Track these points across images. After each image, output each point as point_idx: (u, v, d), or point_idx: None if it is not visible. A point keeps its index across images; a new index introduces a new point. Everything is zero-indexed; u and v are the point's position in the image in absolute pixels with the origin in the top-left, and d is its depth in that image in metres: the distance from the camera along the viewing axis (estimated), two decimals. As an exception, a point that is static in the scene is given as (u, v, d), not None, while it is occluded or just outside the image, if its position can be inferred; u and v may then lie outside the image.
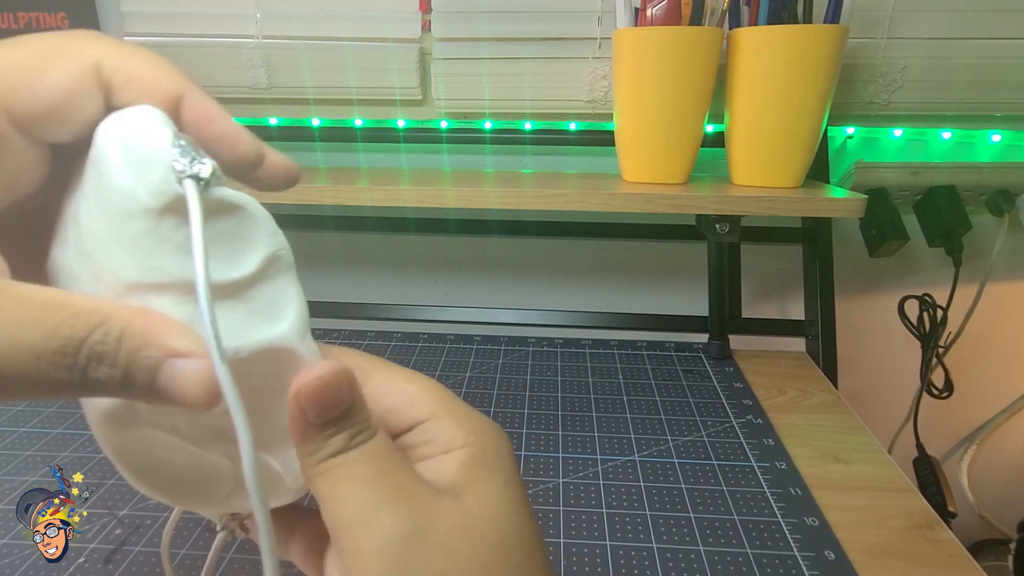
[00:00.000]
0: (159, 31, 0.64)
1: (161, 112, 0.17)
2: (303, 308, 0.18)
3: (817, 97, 0.51)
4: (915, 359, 0.69)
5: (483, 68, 0.63)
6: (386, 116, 0.67)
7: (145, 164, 0.16)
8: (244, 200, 0.17)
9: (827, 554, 0.38)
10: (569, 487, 0.44)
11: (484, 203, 0.54)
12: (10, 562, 0.36)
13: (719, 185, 0.57)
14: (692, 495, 0.43)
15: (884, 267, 0.71)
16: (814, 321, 0.65)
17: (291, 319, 0.18)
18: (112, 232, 0.16)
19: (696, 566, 0.37)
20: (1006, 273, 0.70)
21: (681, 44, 0.51)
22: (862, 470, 0.47)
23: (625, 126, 0.57)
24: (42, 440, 0.49)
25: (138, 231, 0.16)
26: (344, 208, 0.68)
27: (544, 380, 0.59)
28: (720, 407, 0.54)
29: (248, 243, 0.17)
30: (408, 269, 0.76)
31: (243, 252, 0.17)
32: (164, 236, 0.16)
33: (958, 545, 0.39)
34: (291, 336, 0.18)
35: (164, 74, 0.17)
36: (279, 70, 0.64)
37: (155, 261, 0.16)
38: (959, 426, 0.77)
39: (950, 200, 0.63)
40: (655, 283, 0.74)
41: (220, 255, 0.16)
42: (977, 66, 0.60)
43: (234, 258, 0.17)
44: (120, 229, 0.16)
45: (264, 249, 0.17)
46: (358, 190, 0.55)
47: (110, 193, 0.16)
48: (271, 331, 0.17)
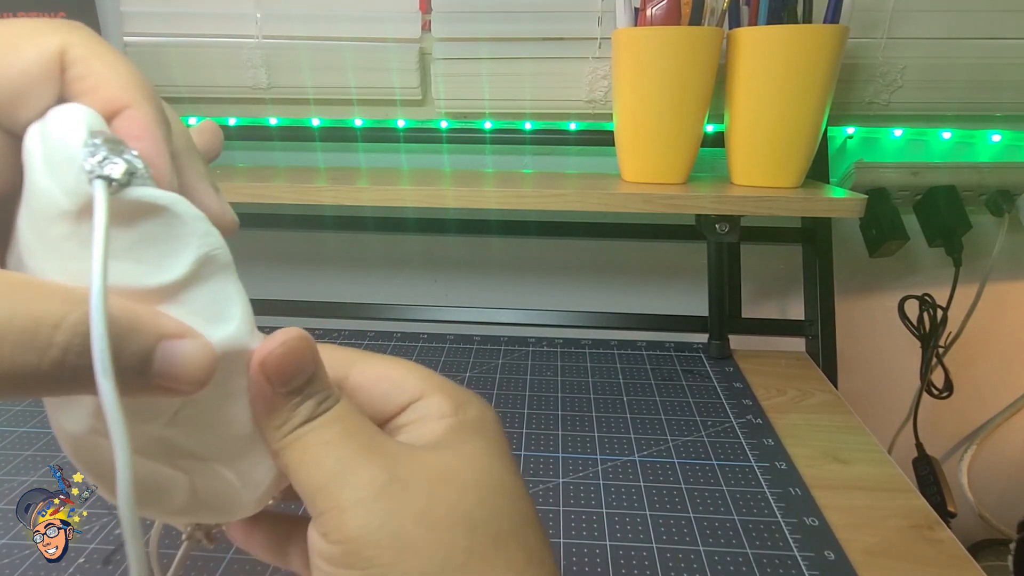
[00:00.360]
0: (159, 31, 0.64)
1: (88, 110, 0.16)
2: (248, 307, 0.18)
3: (817, 97, 0.51)
4: (915, 359, 0.69)
5: (483, 68, 0.63)
6: (386, 116, 0.67)
7: (61, 164, 0.15)
8: (169, 200, 0.16)
9: (827, 554, 0.38)
10: (569, 487, 0.44)
11: (484, 203, 0.54)
12: (10, 562, 0.36)
13: (719, 185, 0.57)
14: (692, 495, 0.43)
15: (884, 267, 0.71)
16: (814, 321, 0.65)
17: (238, 319, 0.17)
18: (36, 236, 0.15)
19: (696, 566, 0.37)
20: (1006, 273, 0.70)
21: (681, 44, 0.51)
22: (862, 470, 0.47)
23: (625, 126, 0.57)
24: (42, 440, 0.49)
25: (58, 235, 0.15)
26: (344, 208, 0.68)
27: (544, 380, 0.59)
28: (720, 407, 0.54)
29: (177, 244, 0.16)
30: (408, 269, 0.76)
31: (172, 254, 0.16)
32: (84, 240, 0.15)
33: (958, 545, 0.39)
34: (242, 335, 0.17)
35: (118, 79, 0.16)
36: (279, 70, 0.64)
37: (76, 266, 0.15)
38: (959, 426, 0.77)
39: (950, 200, 0.63)
40: (655, 283, 0.74)
41: (147, 259, 0.16)
42: (977, 66, 0.60)
43: (163, 261, 0.16)
44: (43, 233, 0.15)
45: (196, 250, 0.16)
46: (358, 190, 0.55)
47: (34, 195, 0.15)
48: (219, 333, 0.17)
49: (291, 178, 0.58)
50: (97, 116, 0.16)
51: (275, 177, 0.59)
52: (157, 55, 0.65)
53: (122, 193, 0.15)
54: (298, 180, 0.57)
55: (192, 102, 0.67)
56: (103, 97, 0.16)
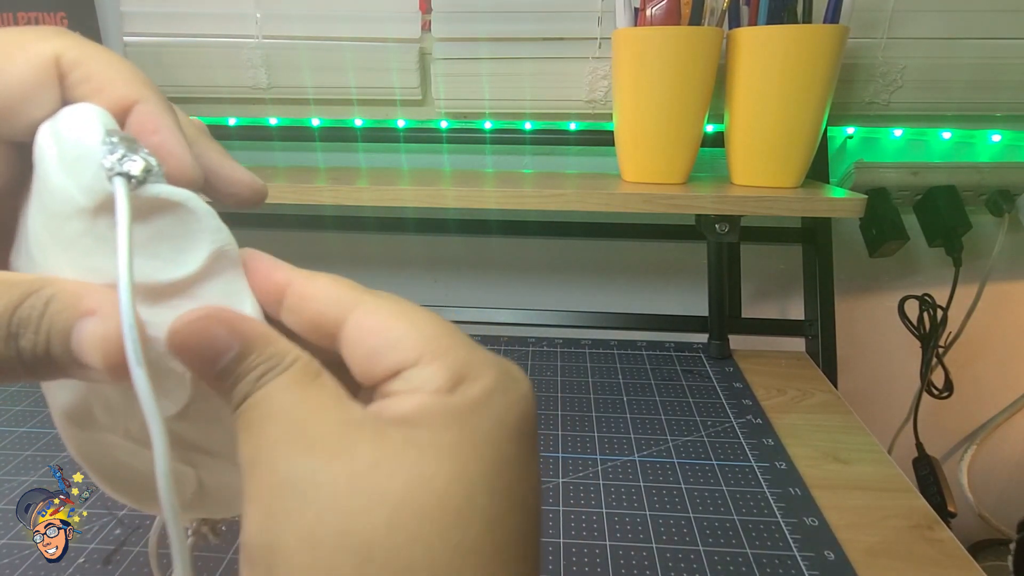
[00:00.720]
0: (159, 31, 0.64)
1: (100, 110, 0.16)
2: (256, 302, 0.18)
3: (817, 97, 0.51)
4: (915, 359, 0.69)
5: (483, 68, 0.63)
6: (386, 116, 0.67)
7: (77, 163, 0.15)
8: (184, 196, 0.16)
9: (827, 554, 0.38)
10: (569, 487, 0.44)
11: (484, 203, 0.54)
12: (10, 562, 0.36)
13: (719, 185, 0.57)
14: (692, 495, 0.43)
15: (884, 267, 0.71)
16: (814, 321, 0.65)
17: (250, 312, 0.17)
18: (51, 234, 0.16)
19: (696, 566, 0.37)
20: (1006, 273, 0.70)
21: (681, 44, 0.51)
22: (862, 470, 0.47)
23: (625, 126, 0.57)
24: (42, 440, 0.49)
25: (74, 232, 0.15)
26: (344, 208, 0.68)
27: (544, 380, 0.59)
28: (720, 407, 0.54)
29: (191, 240, 0.16)
30: (408, 269, 0.76)
31: (186, 250, 0.16)
32: (100, 236, 0.15)
33: (958, 545, 0.39)
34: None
35: (121, 77, 0.17)
36: (279, 70, 0.64)
37: (93, 262, 0.15)
38: (959, 426, 0.77)
39: (950, 200, 0.63)
40: (655, 283, 0.74)
41: (162, 254, 0.16)
42: (977, 66, 0.60)
43: (177, 256, 0.16)
44: (58, 230, 0.15)
45: (209, 246, 0.16)
46: (358, 190, 0.55)
47: (47, 194, 0.15)
48: None
49: (291, 178, 0.59)
50: (108, 115, 0.16)
51: (275, 177, 0.59)
52: (157, 55, 0.65)
53: (140, 190, 0.15)
54: (298, 180, 0.57)
55: (192, 102, 0.67)
56: (111, 96, 0.16)
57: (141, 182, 0.15)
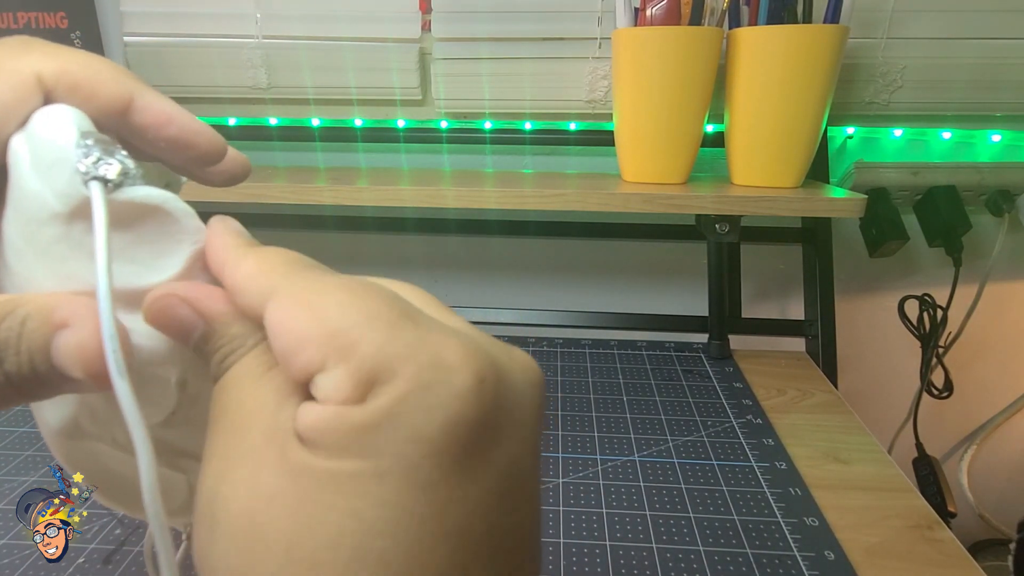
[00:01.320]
0: (159, 31, 0.64)
1: (74, 111, 0.15)
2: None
3: (817, 97, 0.51)
4: (915, 359, 0.69)
5: (483, 68, 0.63)
6: (386, 116, 0.67)
7: (52, 167, 0.15)
8: (162, 198, 0.16)
9: (827, 554, 0.38)
10: (569, 487, 0.44)
11: (484, 203, 0.54)
12: (10, 562, 0.36)
13: (719, 185, 0.57)
14: (692, 495, 0.43)
15: (884, 267, 0.71)
16: (814, 321, 0.65)
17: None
18: (26, 241, 0.15)
19: (696, 566, 0.37)
20: (1006, 273, 0.70)
21: (681, 44, 0.51)
22: (862, 470, 0.47)
23: (625, 126, 0.57)
24: (42, 440, 0.49)
25: (49, 238, 0.15)
26: (344, 208, 0.68)
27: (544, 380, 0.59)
28: (720, 407, 0.54)
29: (170, 243, 0.16)
30: (408, 269, 0.76)
31: (165, 253, 0.16)
32: (76, 242, 0.15)
33: (958, 545, 0.39)
34: None
35: (109, 77, 0.16)
36: (279, 70, 0.64)
37: (70, 269, 0.15)
38: (959, 426, 0.77)
39: (950, 200, 0.63)
40: (655, 283, 0.74)
41: (141, 259, 0.16)
42: (977, 66, 0.60)
43: (156, 261, 0.16)
44: (33, 237, 0.15)
45: (188, 247, 0.16)
46: (358, 190, 0.55)
47: (22, 200, 0.15)
48: None
49: (291, 178, 0.58)
50: (84, 116, 0.15)
51: (275, 177, 0.59)
52: (157, 55, 0.65)
53: (116, 193, 0.15)
54: (298, 180, 0.57)
55: (192, 102, 0.67)
56: (106, 99, 0.16)
57: (118, 185, 0.15)
